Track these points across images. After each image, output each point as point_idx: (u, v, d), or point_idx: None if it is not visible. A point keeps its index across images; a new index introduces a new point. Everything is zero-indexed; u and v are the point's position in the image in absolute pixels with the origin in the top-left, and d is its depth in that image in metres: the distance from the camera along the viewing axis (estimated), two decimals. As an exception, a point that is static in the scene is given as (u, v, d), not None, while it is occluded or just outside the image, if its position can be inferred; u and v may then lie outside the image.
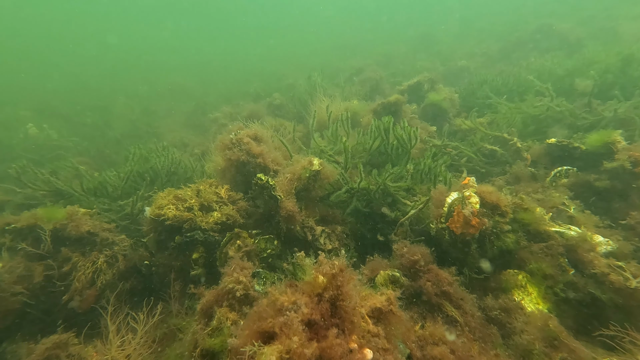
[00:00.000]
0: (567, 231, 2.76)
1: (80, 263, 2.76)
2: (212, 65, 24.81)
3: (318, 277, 1.47)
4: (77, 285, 2.66)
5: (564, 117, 4.88)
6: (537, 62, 7.62)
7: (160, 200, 3.01)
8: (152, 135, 9.65)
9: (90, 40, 40.15)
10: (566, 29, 12.08)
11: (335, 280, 1.45)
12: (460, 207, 2.77)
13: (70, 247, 2.86)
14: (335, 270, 1.46)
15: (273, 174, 3.89)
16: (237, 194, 3.41)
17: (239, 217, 3.15)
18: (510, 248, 2.74)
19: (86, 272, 2.72)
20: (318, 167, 3.54)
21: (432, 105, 6.39)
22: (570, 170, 3.55)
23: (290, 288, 1.54)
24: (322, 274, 1.48)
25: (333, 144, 4.83)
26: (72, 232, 2.85)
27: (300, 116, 8.07)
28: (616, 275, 2.21)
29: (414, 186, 3.86)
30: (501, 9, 25.49)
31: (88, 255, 2.85)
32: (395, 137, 4.04)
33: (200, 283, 2.96)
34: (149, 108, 12.31)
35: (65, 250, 2.81)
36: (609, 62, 5.64)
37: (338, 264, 1.49)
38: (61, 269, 2.72)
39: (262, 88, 12.08)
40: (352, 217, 3.72)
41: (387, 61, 15.77)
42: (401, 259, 2.83)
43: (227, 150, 3.73)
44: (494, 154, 4.78)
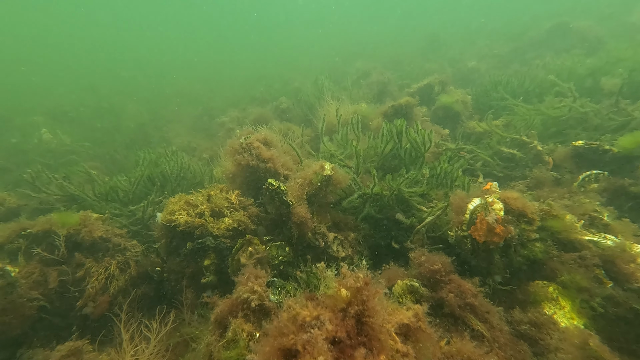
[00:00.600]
0: (602, 240, 2.59)
1: (94, 269, 2.71)
2: (219, 70, 25.08)
3: (341, 291, 1.36)
4: (90, 291, 2.61)
5: (589, 119, 4.69)
6: (555, 62, 7.42)
7: (172, 205, 2.94)
8: (161, 140, 9.71)
9: (100, 45, 41.09)
10: (584, 27, 11.81)
11: (360, 294, 1.34)
12: (484, 214, 2.63)
13: (84, 252, 2.82)
14: (360, 284, 1.35)
15: (283, 179, 3.81)
16: (247, 200, 3.33)
17: (250, 223, 3.06)
18: (539, 258, 2.58)
19: (99, 278, 2.66)
20: (330, 172, 3.44)
21: (444, 108, 6.25)
22: (601, 174, 3.38)
23: (311, 301, 1.43)
24: (346, 288, 1.37)
25: (343, 148, 4.73)
26: (86, 238, 2.81)
27: (307, 120, 8.01)
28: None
29: (429, 191, 3.72)
30: (513, 9, 25.24)
31: (101, 261, 2.80)
32: (409, 141, 3.92)
33: (212, 290, 2.87)
34: (157, 112, 12.43)
35: (79, 256, 2.77)
36: (636, 60, 5.43)
37: (362, 276, 1.38)
38: (75, 274, 2.68)
39: (268, 92, 12.10)
40: (365, 223, 3.60)
41: (394, 64, 15.67)
42: (420, 268, 2.69)
43: (237, 155, 3.66)
44: (512, 157, 4.61)
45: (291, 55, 27.64)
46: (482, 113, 6.52)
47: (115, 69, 24.77)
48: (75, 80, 20.61)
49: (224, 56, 32.69)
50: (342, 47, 24.20)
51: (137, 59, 30.50)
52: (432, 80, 7.35)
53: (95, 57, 31.91)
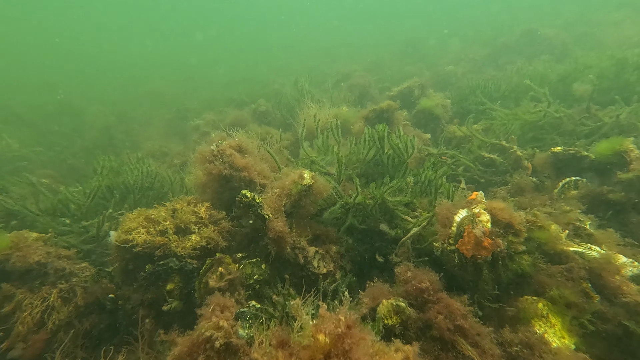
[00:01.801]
0: (587, 251, 2.52)
1: (27, 301, 2.32)
2: (196, 70, 24.25)
3: (319, 338, 1.14)
4: (20, 329, 2.21)
5: (563, 124, 4.75)
6: (527, 67, 7.60)
7: (129, 223, 2.61)
8: (129, 144, 9.11)
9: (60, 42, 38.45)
10: (551, 34, 12.32)
11: (341, 342, 1.12)
12: (471, 227, 2.50)
13: (15, 281, 2.41)
14: (341, 329, 1.14)
15: (260, 188, 3.54)
16: (219, 213, 3.04)
17: (221, 239, 2.78)
18: (527, 271, 2.48)
19: (34, 312, 2.28)
20: (309, 181, 3.22)
21: (424, 112, 6.20)
22: (580, 181, 3.36)
23: (282, 350, 1.20)
24: (325, 334, 1.15)
25: (324, 154, 4.52)
26: (18, 264, 2.40)
27: (287, 123, 7.76)
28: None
29: (413, 199, 3.59)
30: (483, 15, 26.16)
31: (38, 291, 2.40)
32: (391, 147, 3.78)
33: (175, 319, 2.56)
34: (126, 115, 11.72)
35: (7, 287, 2.36)
36: (602, 67, 5.60)
37: (345, 319, 1.16)
38: (0, 309, 2.27)
39: (246, 94, 11.71)
40: (347, 235, 3.40)
41: (374, 67, 15.71)
42: (406, 286, 2.52)
43: (208, 164, 3.36)
44: (492, 162, 4.58)
45: (271, 57, 27.23)
46: (462, 117, 6.54)
47: (79, 66, 23.32)
48: (26, 77, 19.07)
49: (203, 56, 31.72)
50: (322, 49, 24.11)
51: (106, 57, 28.94)
52: (412, 84, 7.32)
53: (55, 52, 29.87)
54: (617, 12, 14.49)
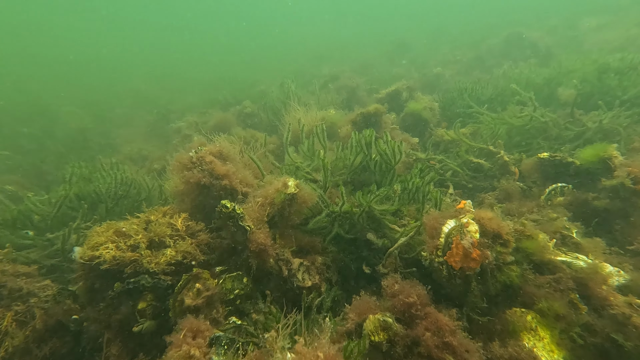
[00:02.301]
0: (574, 261, 2.51)
1: (-23, 327, 2.13)
2: (181, 70, 23.77)
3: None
4: None
5: (548, 128, 4.80)
6: (514, 71, 7.72)
7: (96, 237, 2.44)
8: (107, 147, 8.79)
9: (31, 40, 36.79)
10: (536, 37, 12.61)
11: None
12: (459, 238, 2.45)
13: (-36, 305, 2.21)
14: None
15: (242, 197, 3.42)
16: (197, 224, 2.90)
17: (199, 253, 2.65)
18: (515, 283, 2.45)
19: None
20: (294, 189, 3.12)
21: (412, 115, 6.19)
22: (566, 187, 3.38)
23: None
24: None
25: (310, 159, 4.43)
26: (-33, 286, 2.20)
27: (273, 126, 7.63)
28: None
29: (401, 207, 3.54)
30: (470, 17, 26.69)
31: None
32: (378, 153, 3.72)
33: (148, 340, 2.41)
34: (104, 116, 11.33)
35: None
36: (585, 71, 5.73)
37: (323, 355, 1.07)
38: None
39: (232, 95, 11.50)
40: (333, 245, 3.31)
41: (362, 68, 15.75)
42: (393, 300, 2.45)
43: (186, 172, 3.22)
44: (480, 167, 4.59)
45: (259, 57, 26.99)
46: (450, 120, 6.57)
47: (54, 65, 22.46)
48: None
49: (188, 55, 31.14)
50: (311, 50, 24.04)
51: (85, 57, 28.02)
52: (400, 86, 7.31)
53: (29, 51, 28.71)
54: (598, 16, 14.98)
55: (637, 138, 4.33)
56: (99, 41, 39.81)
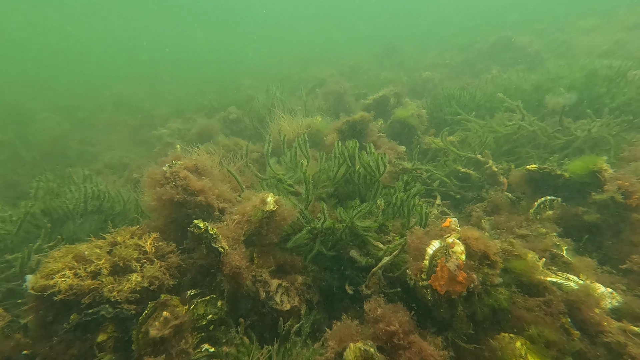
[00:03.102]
0: (565, 282, 2.43)
1: None
2: (165, 74, 23.41)
3: None
4: None
5: (537, 137, 4.77)
6: (502, 76, 7.75)
7: (52, 264, 2.26)
8: (86, 155, 8.52)
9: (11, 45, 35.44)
10: (525, 41, 12.76)
11: None
12: (444, 260, 2.34)
13: None
14: None
15: (219, 213, 3.27)
16: (168, 245, 2.74)
17: (169, 277, 2.48)
18: (504, 306, 2.35)
19: None
20: (273, 206, 2.98)
21: (399, 122, 6.12)
22: (555, 200, 3.32)
23: None
24: None
25: (292, 171, 4.30)
26: None
27: (259, 133, 7.49)
28: (636, 347, 1.88)
29: (385, 222, 3.43)
30: (459, 20, 27.04)
31: None
32: (362, 165, 3.61)
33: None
34: (85, 121, 11.01)
35: None
36: (573, 78, 5.74)
37: None
38: None
39: (217, 100, 11.31)
40: (315, 263, 3.18)
41: (351, 72, 15.74)
42: (375, 327, 2.33)
43: (158, 188, 3.05)
44: (468, 177, 4.52)
45: (247, 60, 26.79)
46: (438, 127, 6.52)
47: (30, 69, 21.87)
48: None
49: (174, 59, 30.75)
50: (300, 53, 23.98)
51: (65, 61, 27.39)
52: (388, 92, 7.25)
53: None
54: (587, 20, 15.26)
55: (627, 147, 4.32)
56: (81, 45, 39.04)
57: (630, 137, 4.58)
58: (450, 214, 4.30)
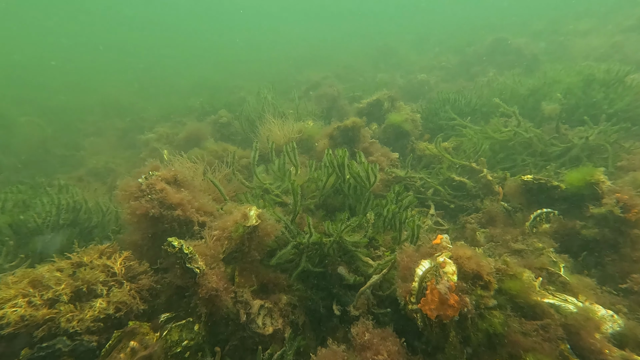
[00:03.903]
0: (563, 304, 2.30)
1: None
2: (157, 75, 23.16)
3: None
4: None
5: (533, 144, 4.67)
6: (498, 80, 7.67)
7: (4, 291, 2.08)
8: (70, 160, 8.31)
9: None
10: (521, 43, 12.73)
11: None
12: (434, 282, 2.20)
13: None
14: None
15: (198, 228, 3.11)
16: (141, 265, 2.57)
17: (139, 301, 2.32)
18: (499, 331, 2.21)
19: None
20: (255, 221, 2.83)
21: (393, 127, 6.00)
22: (552, 213, 3.20)
23: None
24: None
25: (280, 180, 4.15)
26: None
27: (250, 138, 7.33)
28: (639, 383, 1.75)
29: (376, 235, 3.29)
30: (456, 21, 27.09)
31: None
32: (351, 176, 3.47)
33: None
34: (71, 125, 10.79)
35: None
36: (570, 82, 5.66)
37: None
38: None
39: (209, 102, 11.13)
40: (301, 281, 3.03)
41: (346, 73, 15.64)
42: (362, 356, 2.19)
43: (133, 201, 2.89)
44: (463, 186, 4.40)
45: (242, 61, 26.59)
46: (433, 132, 6.41)
47: (12, 69, 21.47)
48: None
49: (167, 59, 30.46)
50: (297, 54, 23.83)
51: (52, 61, 26.96)
52: (382, 96, 7.12)
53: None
54: (584, 21, 15.27)
55: (625, 155, 4.22)
56: (68, 44, 38.45)
57: (629, 144, 4.49)
58: (444, 225, 4.18)
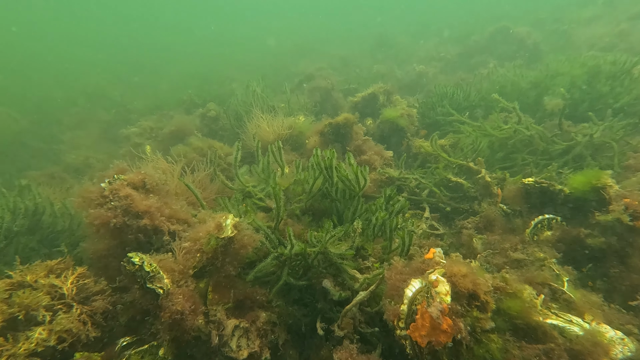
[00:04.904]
0: (568, 326, 2.10)
1: None
2: (148, 65, 22.56)
3: None
4: None
5: (534, 142, 4.44)
6: (498, 73, 7.38)
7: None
8: (48, 154, 8.00)
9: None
10: (523, 33, 12.39)
11: None
12: (425, 304, 1.99)
13: None
14: None
15: (169, 238, 2.87)
16: (97, 284, 2.34)
17: (90, 327, 2.09)
18: (497, 358, 2.01)
19: None
20: (230, 232, 2.59)
21: (388, 123, 5.74)
22: (554, 220, 2.99)
23: None
24: None
25: (265, 182, 3.91)
26: None
27: (237, 132, 7.04)
28: None
29: (365, 245, 3.07)
30: (456, 9, 26.57)
31: None
32: (340, 179, 3.23)
33: None
34: (52, 116, 10.42)
35: None
36: (574, 74, 5.41)
37: None
38: None
39: (198, 95, 10.76)
40: (282, 296, 2.81)
41: (343, 65, 15.26)
42: (344, 386, 1.99)
43: (92, 210, 2.64)
44: (459, 187, 4.18)
45: (236, 51, 25.93)
46: (429, 128, 6.16)
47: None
48: None
49: (160, 48, 29.63)
50: (293, 44, 23.24)
51: (33, 48, 26.15)
52: (377, 90, 6.84)
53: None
54: (588, 9, 14.87)
55: (632, 154, 4.01)
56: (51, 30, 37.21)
57: (636, 142, 4.27)
58: (439, 229, 3.97)
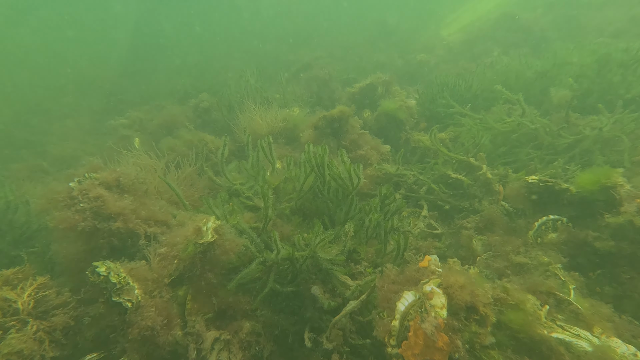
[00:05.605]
0: (575, 341, 1.94)
1: None
2: (145, 52, 22.02)
3: None
4: None
5: (539, 136, 4.22)
6: (502, 62, 7.10)
7: None
8: (33, 146, 7.78)
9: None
10: (530, 19, 11.97)
11: None
12: (419, 320, 1.82)
13: None
14: None
15: (145, 242, 2.69)
16: (58, 296, 2.16)
17: (47, 347, 1.92)
18: (496, 378, 1.86)
19: None
20: (211, 237, 2.42)
21: (386, 115, 5.51)
22: (560, 221, 2.80)
23: None
24: None
25: (254, 179, 3.71)
26: None
27: (229, 124, 6.81)
28: None
29: (357, 248, 2.89)
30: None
31: None
32: (332, 178, 3.03)
33: None
34: (39, 106, 10.18)
35: None
36: (583, 64, 5.14)
37: None
38: None
39: (192, 84, 10.46)
40: (268, 304, 2.65)
41: (342, 53, 14.84)
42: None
43: (59, 212, 2.45)
44: (459, 184, 3.99)
45: (233, 37, 25.32)
46: (429, 120, 5.93)
47: None
48: None
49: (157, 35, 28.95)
50: (293, 30, 22.66)
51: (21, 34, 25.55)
52: (375, 80, 6.58)
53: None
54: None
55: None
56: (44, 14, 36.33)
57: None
58: (437, 228, 3.79)
